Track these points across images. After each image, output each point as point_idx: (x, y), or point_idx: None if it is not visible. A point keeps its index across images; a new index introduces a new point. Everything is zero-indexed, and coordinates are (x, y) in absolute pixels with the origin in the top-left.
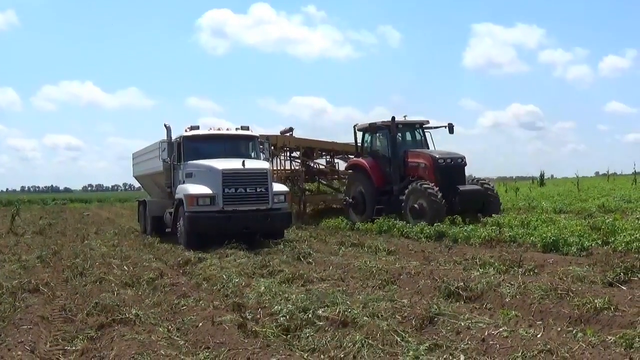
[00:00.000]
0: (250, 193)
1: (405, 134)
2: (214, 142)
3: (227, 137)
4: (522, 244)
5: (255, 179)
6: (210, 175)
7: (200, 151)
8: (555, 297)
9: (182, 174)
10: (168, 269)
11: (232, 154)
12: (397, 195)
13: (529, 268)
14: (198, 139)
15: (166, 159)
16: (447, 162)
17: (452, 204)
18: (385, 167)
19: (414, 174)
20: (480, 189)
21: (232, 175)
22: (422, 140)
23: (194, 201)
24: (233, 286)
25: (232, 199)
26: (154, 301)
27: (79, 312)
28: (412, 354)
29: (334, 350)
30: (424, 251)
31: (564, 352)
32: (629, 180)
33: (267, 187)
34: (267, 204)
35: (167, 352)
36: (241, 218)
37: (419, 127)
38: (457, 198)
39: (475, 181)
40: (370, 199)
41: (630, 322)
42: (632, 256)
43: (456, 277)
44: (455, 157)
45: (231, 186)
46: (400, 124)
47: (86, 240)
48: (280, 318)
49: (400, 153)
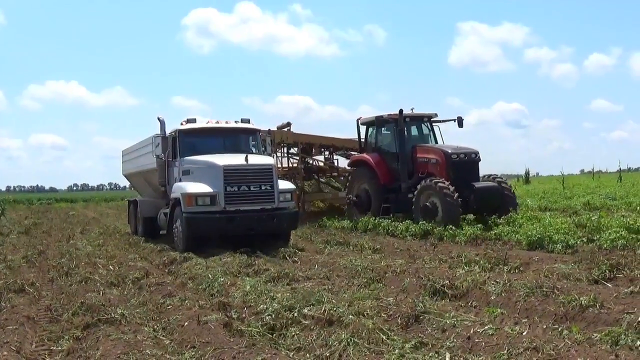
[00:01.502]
0: (254, 191)
1: (411, 128)
2: (213, 137)
3: (227, 130)
4: (507, 242)
5: (260, 176)
6: (210, 173)
7: (198, 146)
8: (540, 294)
9: (179, 171)
10: (153, 268)
11: (232, 149)
12: (405, 193)
13: (515, 266)
14: (195, 133)
15: (160, 155)
16: (461, 158)
17: (467, 202)
18: (392, 163)
19: (423, 170)
20: (496, 186)
21: (234, 172)
22: (431, 134)
23: (192, 201)
24: (218, 285)
25: (234, 198)
26: (139, 301)
27: (64, 312)
28: (397, 352)
29: (319, 349)
30: (409, 249)
31: (549, 350)
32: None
33: (273, 185)
34: (273, 202)
35: (153, 352)
36: (245, 219)
37: (427, 120)
38: (472, 196)
39: (489, 177)
40: (375, 197)
41: (615, 319)
42: (617, 253)
43: (442, 275)
44: (469, 152)
45: (233, 184)
46: (407, 117)
47: (72, 240)
48: (266, 317)
49: (408, 148)
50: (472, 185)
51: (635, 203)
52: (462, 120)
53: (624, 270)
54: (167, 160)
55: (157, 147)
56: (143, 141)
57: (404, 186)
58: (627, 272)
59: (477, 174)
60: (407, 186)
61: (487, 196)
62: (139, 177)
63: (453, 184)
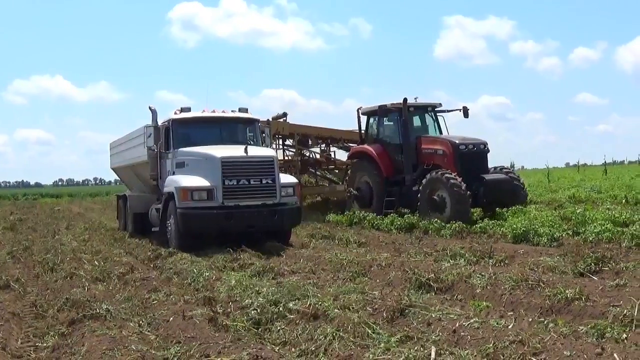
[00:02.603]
0: (254, 185)
1: (413, 119)
2: (209, 127)
3: (224, 120)
4: (492, 235)
5: (261, 169)
6: (206, 165)
7: (193, 137)
8: (526, 287)
9: (172, 164)
10: (139, 263)
11: (229, 140)
12: (409, 186)
13: (500, 259)
14: (190, 122)
15: (152, 147)
16: (470, 149)
17: (476, 195)
18: (395, 154)
19: (429, 162)
20: (507, 178)
21: (233, 165)
22: (435, 124)
23: (187, 195)
24: (204, 280)
25: (233, 193)
26: (124, 296)
27: (49, 308)
28: (383, 346)
29: (305, 343)
30: (394, 243)
31: (535, 343)
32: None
33: (274, 178)
34: (275, 197)
35: (138, 347)
36: (244, 215)
37: (431, 110)
38: (482, 189)
39: (498, 169)
40: (378, 190)
41: (601, 312)
42: (602, 246)
43: (427, 268)
44: (478, 143)
45: (232, 177)
46: (411, 106)
47: (57, 236)
48: (251, 311)
49: (412, 139)
50: (482, 177)
51: (620, 196)
52: (468, 110)
53: (610, 263)
54: (159, 152)
55: (149, 138)
56: (133, 132)
57: (408, 179)
58: (612, 264)
59: (486, 165)
60: (411, 179)
61: (497, 189)
62: (127, 171)
63: (461, 176)
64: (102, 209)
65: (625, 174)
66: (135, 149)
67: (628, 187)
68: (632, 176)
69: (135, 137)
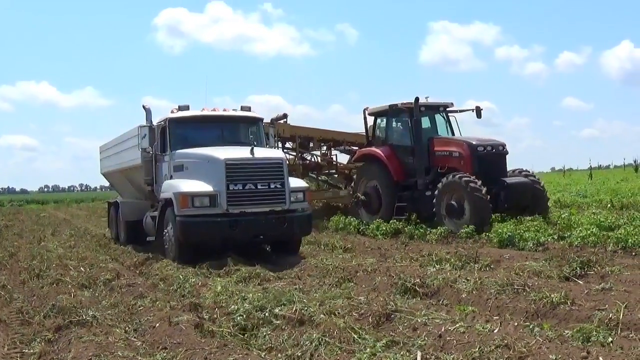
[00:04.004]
0: (262, 190)
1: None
2: (210, 126)
3: (226, 119)
4: (478, 240)
5: (269, 172)
6: (209, 168)
7: (192, 137)
8: (511, 292)
9: (169, 167)
10: (124, 269)
11: (231, 141)
12: (422, 191)
13: (485, 263)
14: (189, 121)
15: (147, 149)
16: (488, 150)
17: (496, 200)
18: (406, 157)
19: (443, 164)
20: (528, 182)
21: (238, 167)
22: (447, 125)
23: (188, 202)
24: (190, 286)
25: (238, 198)
26: (110, 302)
27: (36, 315)
28: (369, 351)
29: (291, 348)
30: (380, 248)
31: (521, 347)
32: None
33: (284, 182)
34: (284, 203)
35: (125, 354)
36: (251, 223)
37: (442, 110)
38: (503, 193)
39: (517, 172)
40: (387, 195)
41: (586, 316)
42: (588, 250)
43: (412, 273)
44: (496, 145)
45: (237, 181)
46: (421, 106)
47: (43, 242)
48: (237, 317)
49: (424, 140)
50: (503, 181)
51: (605, 200)
52: (481, 110)
53: (595, 267)
54: (155, 154)
55: (144, 139)
56: (125, 134)
57: (420, 183)
58: (597, 269)
59: (505, 168)
60: (424, 183)
61: (519, 193)
62: (119, 176)
63: (479, 179)
64: (87, 215)
65: (610, 179)
66: (128, 151)
67: (613, 191)
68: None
69: (128, 139)
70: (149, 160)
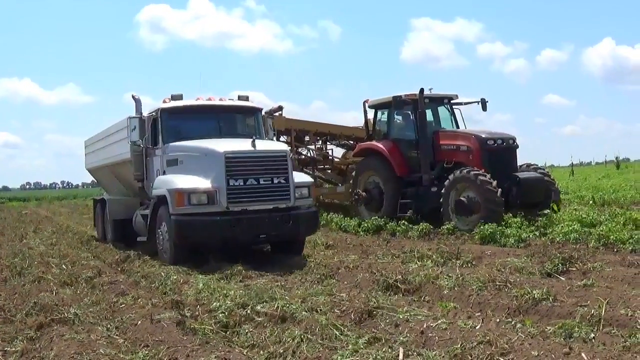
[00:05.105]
0: (265, 186)
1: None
2: (205, 117)
3: (224, 109)
4: (459, 236)
5: (272, 166)
6: (207, 162)
7: (187, 129)
8: (493, 288)
9: (162, 162)
10: (106, 267)
11: (228, 133)
12: (427, 187)
13: (467, 260)
14: (182, 112)
15: (137, 141)
16: (498, 144)
17: (508, 196)
18: (409, 151)
19: (450, 159)
20: (541, 177)
21: (239, 161)
22: (451, 118)
23: (184, 199)
24: (171, 283)
25: (239, 195)
26: (92, 300)
27: (18, 313)
28: (351, 348)
29: (273, 345)
30: (362, 245)
31: (503, 343)
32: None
33: (288, 177)
34: (289, 200)
35: (107, 351)
36: (253, 222)
37: (447, 102)
38: (515, 189)
39: (528, 167)
40: (390, 192)
41: (568, 312)
42: (570, 247)
43: (394, 270)
44: (507, 138)
45: (238, 176)
46: (425, 98)
47: (25, 239)
48: (219, 314)
49: (429, 134)
50: (515, 176)
51: (587, 197)
52: (486, 103)
53: (577, 264)
54: (145, 147)
55: (133, 132)
56: (113, 126)
57: (425, 178)
58: (579, 265)
59: (515, 163)
60: (429, 178)
61: (532, 189)
62: (105, 171)
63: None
64: (69, 212)
65: (592, 175)
66: (116, 145)
67: (595, 188)
68: (599, 177)
69: (116, 132)
70: (139, 155)
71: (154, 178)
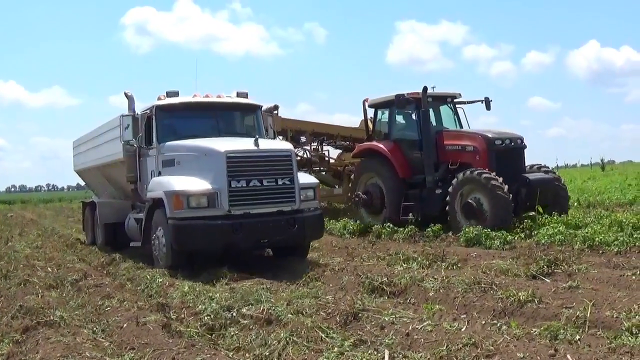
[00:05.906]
0: (268, 187)
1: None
2: (203, 115)
3: (222, 107)
4: (445, 239)
5: (276, 166)
6: (206, 162)
7: (183, 128)
8: (479, 290)
9: (157, 162)
10: (92, 269)
11: (227, 131)
12: (431, 189)
13: (452, 262)
14: (179, 110)
15: (130, 141)
16: (507, 144)
17: (517, 198)
18: (411, 152)
19: (455, 160)
20: (550, 178)
21: (241, 161)
22: (455, 117)
23: (182, 202)
24: (157, 286)
25: (242, 198)
26: (78, 303)
27: (3, 316)
28: (336, 350)
29: (259, 348)
30: (347, 247)
31: (488, 345)
32: None
33: (293, 178)
34: (293, 203)
35: (93, 354)
36: (256, 226)
37: (450, 101)
38: (524, 190)
39: (536, 168)
40: (392, 194)
41: (554, 314)
42: (555, 249)
43: (380, 272)
44: (514, 138)
45: (240, 177)
46: (427, 97)
47: (10, 242)
48: (205, 317)
49: (433, 134)
50: (525, 177)
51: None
52: (490, 102)
53: (562, 266)
54: (139, 147)
55: (126, 131)
56: (104, 125)
57: (429, 180)
58: (565, 267)
59: (523, 164)
60: (433, 180)
61: (542, 191)
62: (95, 173)
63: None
64: (55, 215)
65: (577, 177)
66: (107, 145)
67: (580, 190)
68: (584, 179)
69: (107, 131)
70: (132, 155)
71: (148, 180)
